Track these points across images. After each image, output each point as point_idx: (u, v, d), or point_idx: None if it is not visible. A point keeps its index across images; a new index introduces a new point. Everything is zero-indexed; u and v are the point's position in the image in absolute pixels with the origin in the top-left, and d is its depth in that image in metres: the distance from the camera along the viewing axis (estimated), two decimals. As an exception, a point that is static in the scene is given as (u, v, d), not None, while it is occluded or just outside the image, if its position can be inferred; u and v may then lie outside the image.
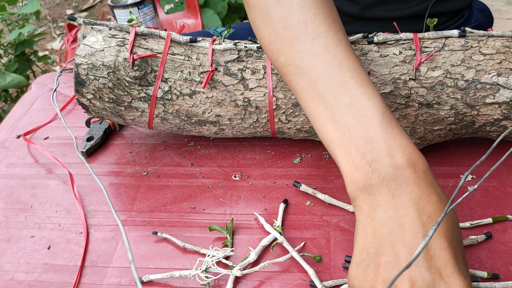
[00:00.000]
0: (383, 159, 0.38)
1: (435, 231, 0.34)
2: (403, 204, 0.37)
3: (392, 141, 0.39)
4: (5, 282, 0.51)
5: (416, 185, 0.38)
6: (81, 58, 0.57)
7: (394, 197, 0.38)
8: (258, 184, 0.60)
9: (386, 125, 0.40)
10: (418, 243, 0.36)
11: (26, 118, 0.76)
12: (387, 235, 0.37)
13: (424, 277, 0.35)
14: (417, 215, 0.37)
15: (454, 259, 0.36)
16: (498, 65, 0.51)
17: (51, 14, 2.60)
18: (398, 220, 0.37)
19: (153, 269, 0.51)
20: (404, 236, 0.36)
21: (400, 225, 0.37)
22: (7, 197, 0.62)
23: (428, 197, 0.38)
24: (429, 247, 0.36)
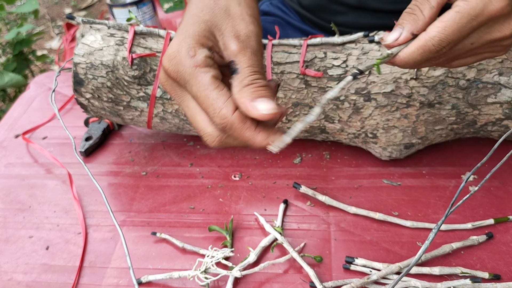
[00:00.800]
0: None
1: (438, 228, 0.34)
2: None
3: None
4: (4, 282, 0.51)
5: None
6: (80, 57, 0.56)
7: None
8: (258, 184, 0.60)
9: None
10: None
11: (25, 117, 0.76)
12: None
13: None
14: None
15: (185, 21, 0.37)
16: (500, 65, 0.51)
17: (49, 13, 2.60)
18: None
19: (152, 269, 0.51)
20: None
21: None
22: (6, 197, 0.61)
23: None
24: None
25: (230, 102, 0.35)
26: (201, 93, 0.35)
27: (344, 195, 0.57)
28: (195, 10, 0.38)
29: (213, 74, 0.36)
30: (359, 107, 0.54)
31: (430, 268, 0.47)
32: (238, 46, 0.36)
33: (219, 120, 0.35)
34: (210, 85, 0.35)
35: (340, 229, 0.53)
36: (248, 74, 0.35)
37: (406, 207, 0.55)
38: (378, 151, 0.58)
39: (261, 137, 0.36)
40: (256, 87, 0.35)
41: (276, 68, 0.55)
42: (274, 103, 0.35)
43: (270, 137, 0.35)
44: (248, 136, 0.36)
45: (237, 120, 0.35)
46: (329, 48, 0.55)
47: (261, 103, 0.34)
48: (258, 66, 0.36)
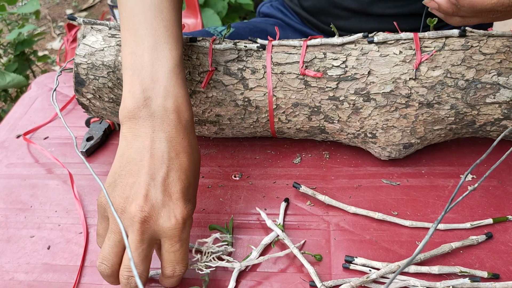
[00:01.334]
0: (158, 99, 0.45)
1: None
2: (159, 139, 0.44)
3: (171, 88, 0.45)
4: (5, 282, 0.51)
5: (175, 128, 0.44)
6: (81, 57, 0.57)
7: (154, 132, 0.44)
8: (258, 184, 0.60)
9: (172, 74, 0.46)
10: (161, 172, 0.43)
11: (26, 118, 0.76)
12: (138, 160, 0.43)
13: (157, 197, 0.42)
14: (167, 150, 0.44)
15: (185, 189, 0.44)
16: (499, 65, 0.51)
17: (50, 13, 2.60)
18: (151, 150, 0.43)
19: (152, 269, 0.51)
20: (152, 164, 0.43)
21: (151, 154, 0.43)
22: (7, 197, 0.62)
23: (181, 140, 0.45)
24: (168, 176, 0.43)
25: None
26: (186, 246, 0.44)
27: (343, 194, 0.57)
28: (188, 182, 0.45)
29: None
30: (358, 107, 0.55)
31: (429, 267, 0.47)
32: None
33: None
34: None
35: (340, 229, 0.53)
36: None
37: (405, 207, 0.55)
38: (377, 151, 0.58)
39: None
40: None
41: (276, 69, 0.55)
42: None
43: None
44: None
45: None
46: (328, 48, 0.55)
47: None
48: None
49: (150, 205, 0.41)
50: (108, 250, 0.42)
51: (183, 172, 0.44)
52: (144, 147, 0.43)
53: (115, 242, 0.42)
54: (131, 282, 0.42)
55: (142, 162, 0.43)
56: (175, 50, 0.47)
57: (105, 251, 0.42)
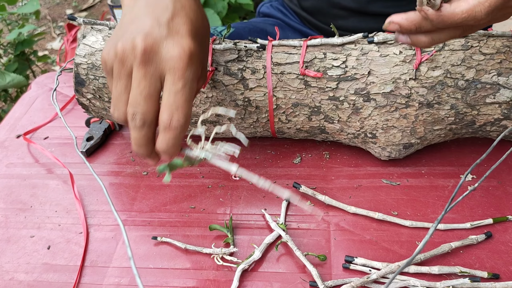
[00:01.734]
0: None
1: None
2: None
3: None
4: (5, 282, 0.51)
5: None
6: (81, 57, 0.57)
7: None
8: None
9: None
10: (164, 17, 0.41)
11: (26, 118, 0.76)
12: (142, 12, 0.42)
13: (162, 31, 0.40)
14: (172, 2, 0.42)
15: (195, 31, 0.42)
16: (499, 65, 0.51)
17: (50, 13, 2.60)
18: (154, 2, 0.42)
19: (153, 269, 0.51)
20: (155, 11, 0.41)
21: (155, 5, 0.42)
22: (7, 197, 0.62)
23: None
24: (174, 19, 0.41)
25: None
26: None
27: (343, 194, 0.57)
28: (196, 31, 0.43)
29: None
30: (358, 107, 0.55)
31: (429, 268, 0.47)
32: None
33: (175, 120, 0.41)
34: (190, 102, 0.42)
35: (340, 229, 0.53)
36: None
37: (405, 207, 0.55)
38: (377, 151, 0.58)
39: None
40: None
41: (276, 69, 0.55)
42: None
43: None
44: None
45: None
46: (328, 48, 0.55)
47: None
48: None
49: (153, 37, 0.39)
50: (116, 96, 0.41)
51: (189, 20, 0.42)
52: (147, 2, 0.42)
53: (122, 88, 0.41)
54: (136, 120, 0.40)
55: (146, 10, 0.42)
56: None
57: (114, 97, 0.41)
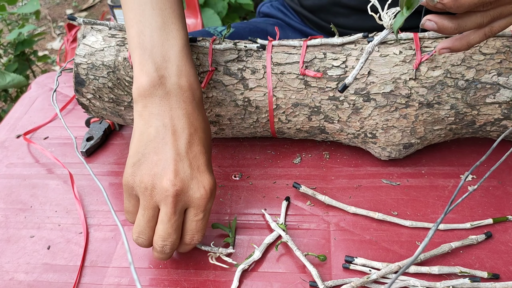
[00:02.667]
0: (172, 78, 0.47)
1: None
2: (178, 116, 0.46)
3: (183, 67, 0.47)
4: (5, 282, 0.51)
5: (191, 105, 0.47)
6: (81, 57, 0.57)
7: (172, 109, 0.46)
8: (258, 184, 0.60)
9: (183, 54, 0.48)
10: (184, 147, 0.45)
11: (26, 118, 0.76)
12: (160, 138, 0.45)
13: (185, 171, 0.45)
14: (187, 126, 0.46)
15: (207, 161, 0.47)
16: (499, 65, 0.51)
17: (51, 13, 2.60)
18: (172, 127, 0.45)
19: (153, 269, 0.51)
20: (174, 141, 0.45)
21: (172, 131, 0.45)
22: (7, 197, 0.62)
23: (197, 116, 0.47)
24: (191, 150, 0.46)
25: None
26: (206, 218, 0.47)
27: (343, 194, 0.57)
28: (207, 154, 0.48)
29: None
30: (358, 107, 0.55)
31: (429, 268, 0.47)
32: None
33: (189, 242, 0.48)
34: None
35: (340, 229, 0.53)
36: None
37: (405, 207, 0.55)
38: (377, 151, 0.58)
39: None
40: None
41: (276, 69, 0.55)
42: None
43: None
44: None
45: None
46: (328, 48, 0.55)
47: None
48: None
49: (180, 179, 0.44)
50: (143, 225, 0.45)
51: (203, 146, 0.47)
52: (165, 125, 0.45)
53: (149, 218, 0.45)
54: (166, 249, 0.46)
55: (164, 140, 0.45)
56: (182, 31, 0.49)
57: (141, 226, 0.46)
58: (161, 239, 0.45)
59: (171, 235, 0.45)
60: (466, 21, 0.40)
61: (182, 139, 0.45)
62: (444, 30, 0.41)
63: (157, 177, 0.44)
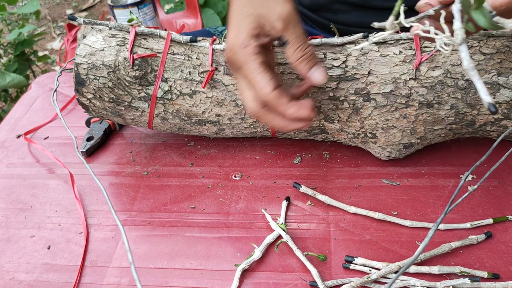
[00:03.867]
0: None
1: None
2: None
3: None
4: (5, 281, 0.51)
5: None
6: (81, 57, 0.57)
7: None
8: (258, 184, 0.60)
9: None
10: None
11: (26, 118, 0.76)
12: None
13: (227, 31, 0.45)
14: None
15: (235, 16, 0.46)
16: (499, 65, 0.51)
17: (51, 14, 2.60)
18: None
19: (153, 269, 0.51)
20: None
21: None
22: (7, 197, 0.62)
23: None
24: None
25: (271, 82, 0.45)
26: (250, 75, 0.45)
27: (343, 194, 0.57)
28: (240, 7, 0.46)
29: (261, 60, 0.45)
30: (358, 107, 0.55)
31: (429, 267, 0.47)
32: (282, 24, 0.45)
33: (261, 95, 0.45)
34: (257, 69, 0.45)
35: (340, 229, 0.53)
36: (298, 44, 0.45)
37: (405, 207, 0.55)
38: (377, 151, 0.58)
39: (293, 109, 0.45)
40: (307, 58, 0.46)
41: (276, 69, 0.55)
42: (322, 69, 0.46)
43: (300, 109, 0.45)
44: (283, 109, 0.45)
45: (275, 96, 0.45)
46: (328, 48, 0.55)
47: (316, 72, 0.46)
48: (302, 34, 0.46)
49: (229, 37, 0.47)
50: (251, 105, 0.47)
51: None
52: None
53: (253, 97, 0.47)
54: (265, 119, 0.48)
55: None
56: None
57: (249, 107, 0.48)
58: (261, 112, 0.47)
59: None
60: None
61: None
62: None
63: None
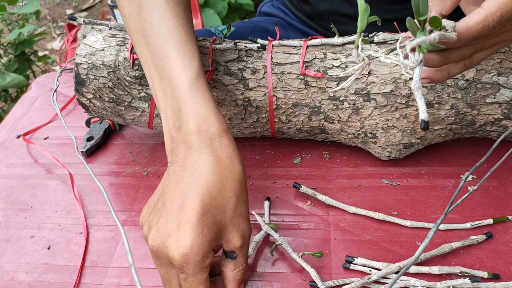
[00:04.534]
0: (183, 126, 0.43)
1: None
2: (183, 164, 0.43)
3: (190, 110, 0.43)
4: (5, 282, 0.51)
5: (197, 150, 0.42)
6: (81, 57, 0.57)
7: (183, 158, 0.43)
8: (258, 184, 0.60)
9: (190, 96, 0.44)
10: (179, 198, 0.41)
11: (26, 118, 0.76)
12: (166, 186, 0.43)
13: (167, 223, 0.41)
14: (189, 175, 0.42)
15: (199, 219, 0.40)
16: (499, 65, 0.51)
17: (51, 14, 2.60)
18: (178, 176, 0.43)
19: (153, 269, 0.51)
20: (175, 190, 0.42)
21: (176, 180, 0.42)
22: (7, 197, 0.62)
23: (204, 161, 0.42)
24: (185, 203, 0.41)
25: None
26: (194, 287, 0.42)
27: (343, 195, 0.57)
28: (209, 206, 0.41)
29: (207, 275, 0.42)
30: (358, 107, 0.55)
31: (430, 268, 0.47)
32: (241, 243, 0.43)
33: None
34: (205, 281, 0.42)
35: (340, 229, 0.53)
36: (242, 264, 0.44)
37: (405, 207, 0.55)
38: (377, 151, 0.58)
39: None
40: (242, 280, 0.45)
41: (276, 69, 0.55)
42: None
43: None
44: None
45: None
46: (328, 48, 0.55)
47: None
48: (247, 254, 0.45)
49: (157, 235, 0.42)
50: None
51: (199, 197, 0.41)
52: (174, 174, 0.43)
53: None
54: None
55: (168, 189, 0.43)
56: (189, 69, 0.45)
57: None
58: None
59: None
60: (452, 54, 0.38)
61: (180, 189, 0.42)
62: (429, 62, 0.38)
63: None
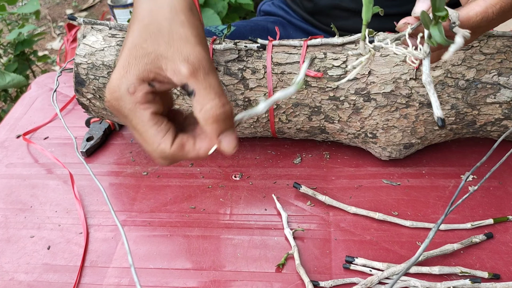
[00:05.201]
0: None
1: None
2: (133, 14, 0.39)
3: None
4: (5, 282, 0.51)
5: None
6: (81, 57, 0.57)
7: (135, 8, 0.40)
8: (258, 184, 0.60)
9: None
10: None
11: (26, 118, 0.76)
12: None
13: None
14: (131, 22, 0.39)
15: (126, 55, 0.37)
16: (499, 65, 0.51)
17: (50, 13, 2.60)
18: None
19: (153, 269, 0.51)
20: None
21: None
22: (7, 197, 0.62)
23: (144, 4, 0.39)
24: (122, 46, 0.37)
25: (168, 136, 0.37)
26: (140, 128, 0.37)
27: (344, 195, 0.57)
28: (139, 39, 0.37)
29: (153, 110, 0.36)
30: (359, 107, 0.55)
31: (430, 268, 0.47)
32: (189, 69, 0.35)
33: (158, 154, 0.37)
34: (149, 121, 0.36)
35: (340, 229, 0.53)
36: (208, 98, 0.36)
37: (405, 207, 0.55)
38: (377, 151, 0.58)
39: (204, 148, 0.38)
40: (217, 119, 0.36)
41: (276, 69, 0.55)
42: (234, 136, 0.37)
43: (210, 145, 0.37)
44: (192, 156, 0.38)
45: (176, 150, 0.37)
46: (329, 48, 0.55)
47: (224, 140, 0.36)
48: (216, 86, 0.36)
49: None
50: (156, 160, 0.39)
51: (130, 33, 0.39)
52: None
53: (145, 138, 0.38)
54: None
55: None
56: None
57: (155, 160, 0.39)
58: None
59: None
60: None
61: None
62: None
63: None
